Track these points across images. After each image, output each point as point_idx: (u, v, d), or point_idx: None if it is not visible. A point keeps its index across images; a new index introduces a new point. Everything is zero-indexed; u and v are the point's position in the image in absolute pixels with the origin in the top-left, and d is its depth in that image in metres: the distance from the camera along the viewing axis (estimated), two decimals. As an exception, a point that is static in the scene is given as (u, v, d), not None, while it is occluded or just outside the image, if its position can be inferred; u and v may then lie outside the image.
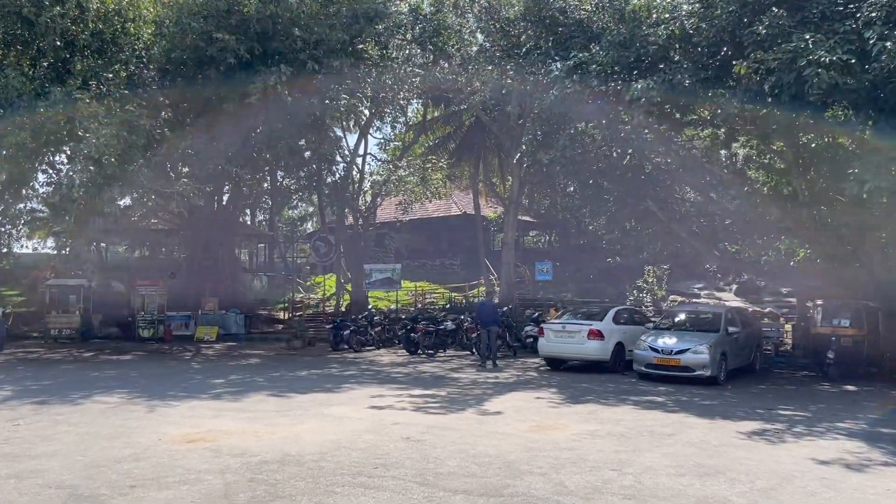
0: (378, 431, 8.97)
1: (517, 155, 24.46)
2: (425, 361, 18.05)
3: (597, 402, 11.66)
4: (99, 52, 20.39)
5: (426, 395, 12.27)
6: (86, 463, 7.31)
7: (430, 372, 15.82)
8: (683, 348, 13.82)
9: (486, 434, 8.88)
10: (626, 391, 12.94)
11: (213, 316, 25.51)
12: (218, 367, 16.69)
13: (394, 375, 15.21)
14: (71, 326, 23.51)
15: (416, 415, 10.31)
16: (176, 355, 19.80)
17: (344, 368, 16.51)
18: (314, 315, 30.12)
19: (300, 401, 11.50)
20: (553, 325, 16.00)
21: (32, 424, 9.36)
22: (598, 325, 15.48)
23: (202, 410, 10.53)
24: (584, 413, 10.56)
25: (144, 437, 8.54)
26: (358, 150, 29.93)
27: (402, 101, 26.95)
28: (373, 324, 22.00)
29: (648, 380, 14.26)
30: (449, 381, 14.16)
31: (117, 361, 17.92)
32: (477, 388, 13.15)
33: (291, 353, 20.61)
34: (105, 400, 11.34)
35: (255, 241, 39.59)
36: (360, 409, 10.71)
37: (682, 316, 16.19)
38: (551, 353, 15.93)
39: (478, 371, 15.94)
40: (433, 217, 38.89)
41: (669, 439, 8.74)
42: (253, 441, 8.38)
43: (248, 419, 9.83)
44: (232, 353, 20.51)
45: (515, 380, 14.56)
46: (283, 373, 15.51)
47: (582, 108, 17.51)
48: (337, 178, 26.56)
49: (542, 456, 7.73)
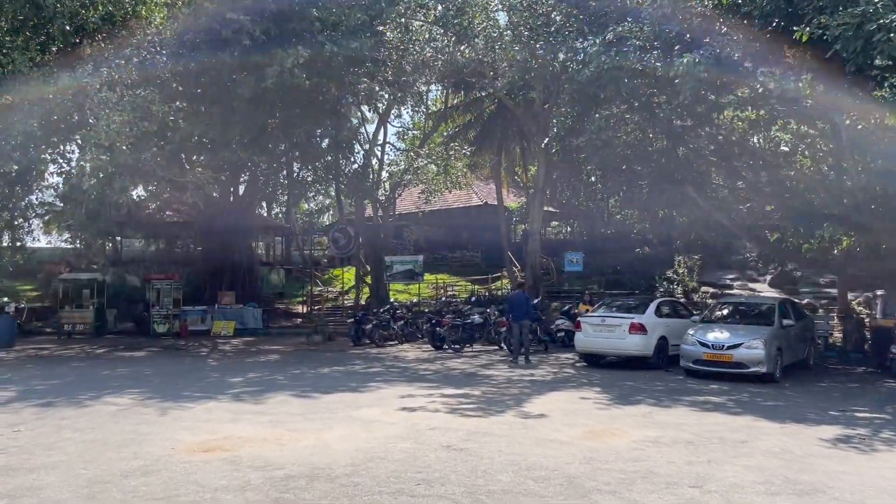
0: (414, 438, 8.04)
1: (545, 140, 23.33)
2: (452, 357, 17.12)
3: (648, 402, 10.66)
4: (109, 36, 19.58)
5: (459, 394, 11.33)
6: (88, 478, 6.44)
7: (460, 368, 14.88)
8: (736, 343, 12.77)
9: (536, 442, 7.91)
10: (677, 390, 11.92)
11: (230, 310, 24.76)
12: (235, 364, 15.86)
13: (421, 372, 14.29)
14: (84, 322, 22.81)
15: (453, 418, 9.37)
16: (192, 351, 19.01)
17: (368, 365, 15.61)
18: (333, 309, 29.33)
19: (325, 402, 10.60)
20: (591, 318, 14.98)
21: (34, 430, 8.52)
22: (641, 319, 14.46)
23: (219, 413, 9.66)
24: (639, 416, 9.56)
25: (156, 446, 7.67)
26: (377, 139, 29.06)
27: (423, 86, 25.90)
28: (395, 317, 21.10)
29: (697, 377, 13.23)
30: (481, 379, 13.22)
31: (130, 358, 17.14)
32: (513, 387, 12.19)
33: (311, 348, 19.76)
34: (115, 401, 10.51)
35: (271, 233, 38.82)
36: (391, 412, 9.79)
37: (732, 308, 15.09)
38: (590, 348, 14.92)
39: (510, 367, 14.98)
40: (453, 208, 37.92)
41: (744, 448, 7.72)
42: (276, 450, 7.49)
43: (270, 423, 8.94)
44: (250, 348, 19.70)
45: (553, 377, 13.58)
46: (304, 370, 14.65)
47: (618, 87, 16.48)
48: (356, 166, 25.62)
49: (605, 469, 6.76)
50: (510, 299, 16.44)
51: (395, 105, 24.00)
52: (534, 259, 25.69)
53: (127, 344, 20.70)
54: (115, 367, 15.05)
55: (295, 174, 29.57)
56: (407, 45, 22.07)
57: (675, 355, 14.76)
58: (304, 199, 37.26)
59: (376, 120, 29.61)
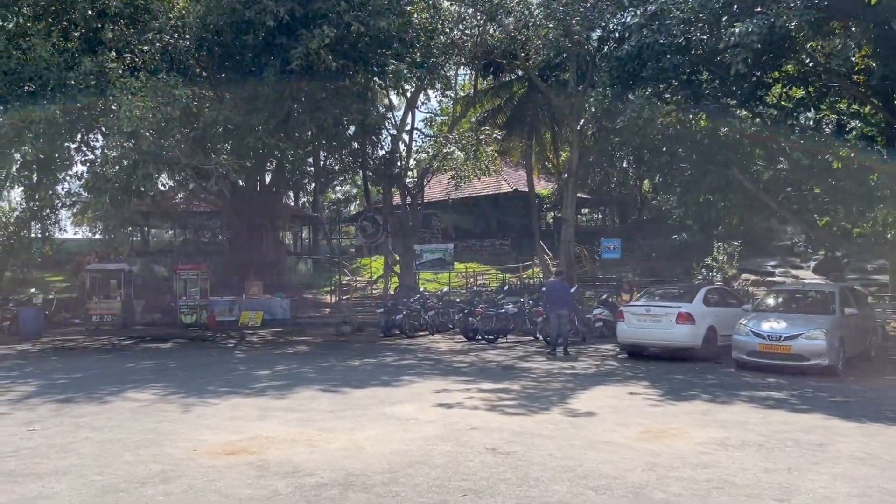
0: (455, 440, 7.37)
1: (579, 123, 22.42)
2: (486, 348, 16.43)
3: (703, 398, 9.85)
4: (131, 20, 19.14)
5: (498, 389, 10.64)
6: (102, 485, 5.87)
7: (495, 361, 14.18)
8: (794, 333, 11.87)
9: (589, 444, 7.19)
10: (732, 384, 11.09)
11: (258, 301, 24.36)
12: (263, 356, 15.35)
13: (456, 365, 13.62)
14: (112, 313, 22.55)
15: (494, 416, 8.68)
16: (219, 343, 18.58)
17: (399, 357, 14.99)
18: (362, 299, 28.82)
19: (357, 397, 9.99)
20: (635, 308, 14.15)
21: (50, 429, 8.02)
22: (688, 308, 13.59)
23: (245, 410, 9.09)
24: (697, 414, 8.78)
25: (177, 447, 7.11)
26: (405, 125, 28.38)
27: (452, 69, 25.11)
28: (426, 307, 20.45)
29: (750, 370, 12.37)
30: (519, 373, 12.51)
31: (157, 350, 16.75)
32: (555, 381, 11.46)
33: (340, 339, 19.22)
34: (137, 397, 10.00)
35: (298, 223, 38.45)
36: (427, 409, 9.14)
37: (786, 295, 14.13)
38: (633, 339, 14.10)
39: (549, 360, 14.24)
40: (481, 195, 37.12)
41: (823, 452, 6.92)
42: (306, 453, 6.87)
43: (299, 422, 8.33)
44: (278, 339, 19.22)
45: (595, 370, 12.82)
46: (333, 362, 14.07)
47: (661, 63, 15.57)
48: (384, 151, 24.96)
49: (673, 477, 6.02)
50: (548, 288, 15.67)
51: (423, 88, 23.15)
52: (567, 247, 24.85)
53: (154, 335, 20.37)
54: (140, 360, 14.62)
55: (322, 162, 29.08)
56: (436, 26, 21.31)
57: (724, 346, 13.93)
58: (331, 187, 36.77)
59: (403, 105, 28.95)
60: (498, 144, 25.53)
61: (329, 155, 27.46)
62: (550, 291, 15.31)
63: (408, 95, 26.89)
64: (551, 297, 15.12)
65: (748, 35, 12.60)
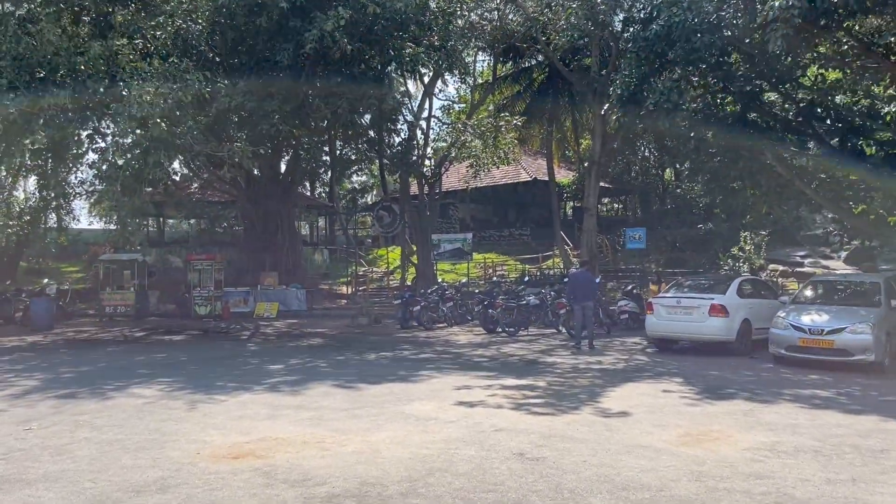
0: (479, 442, 6.79)
1: (605, 106, 21.65)
2: (507, 341, 15.83)
3: (743, 396, 9.18)
4: (143, 4, 18.65)
5: (522, 386, 10.05)
6: (95, 494, 5.36)
7: (517, 355, 13.58)
8: (838, 327, 11.13)
9: (625, 448, 6.58)
10: (772, 381, 10.40)
11: (273, 292, 23.96)
12: (276, 349, 14.88)
13: (476, 359, 13.04)
14: (125, 304, 22.22)
15: (519, 416, 8.09)
16: (232, 335, 18.16)
17: (417, 350, 14.44)
18: (378, 290, 28.32)
19: (372, 394, 9.44)
20: (665, 300, 13.45)
21: (47, 428, 7.55)
22: (722, 300, 12.88)
23: (254, 408, 8.58)
24: (739, 414, 8.12)
25: (179, 450, 6.60)
26: (422, 113, 27.73)
27: (472, 52, 24.42)
28: (444, 299, 19.88)
29: (790, 365, 11.66)
30: (544, 368, 11.90)
31: (169, 342, 16.34)
32: (581, 377, 10.84)
33: (357, 331, 18.72)
34: (142, 393, 9.52)
35: (314, 212, 38.00)
36: (447, 407, 8.57)
37: (826, 287, 13.34)
38: (663, 332, 13.41)
39: (573, 354, 13.61)
40: (500, 184, 36.41)
41: (889, 459, 6.25)
42: (317, 457, 6.33)
43: (311, 421, 7.80)
44: (293, 331, 18.77)
45: (624, 366, 12.17)
46: (348, 356, 13.55)
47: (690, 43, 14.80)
48: (402, 137, 24.34)
49: (723, 489, 5.39)
50: (572, 279, 15.02)
51: (441, 73, 22.46)
52: (590, 237, 24.15)
53: (167, 327, 20.01)
54: (150, 353, 14.20)
55: (338, 151, 28.51)
56: (454, 8, 20.62)
57: (758, 340, 13.23)
58: (346, 177, 36.19)
59: (420, 93, 28.31)
60: (518, 132, 24.75)
61: (345, 143, 26.82)
62: (574, 282, 14.66)
63: (425, 81, 26.24)
64: (575, 289, 14.47)
65: (789, 9, 11.82)
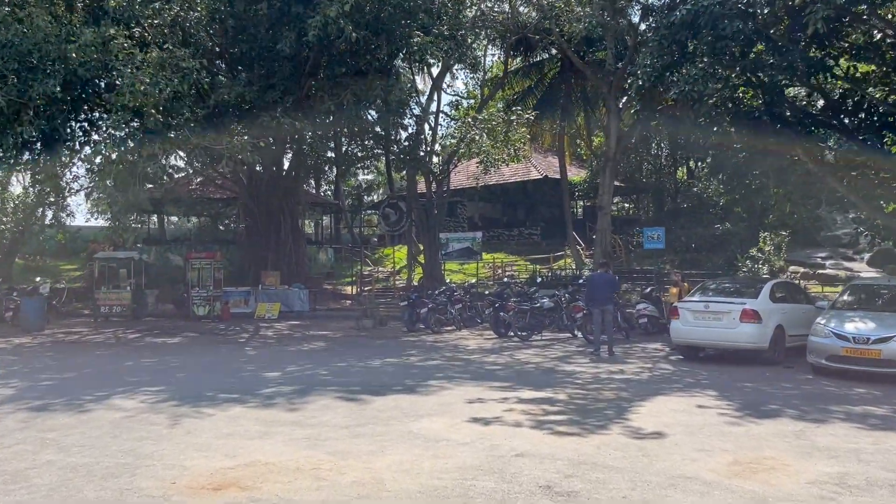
0: (498, 471, 5.88)
1: (622, 100, 20.71)
2: (520, 347, 14.93)
3: (790, 414, 8.25)
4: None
5: (541, 399, 9.14)
6: (42, 538, 4.49)
7: (533, 362, 12.67)
8: (886, 336, 10.17)
9: (669, 480, 5.66)
10: (817, 396, 9.45)
11: (275, 292, 23.12)
12: (276, 354, 14.01)
13: (488, 367, 12.13)
14: (121, 303, 21.44)
15: (542, 436, 7.18)
16: (231, 337, 17.32)
17: (425, 356, 13.55)
18: (384, 290, 27.46)
19: (377, 408, 8.54)
20: (693, 304, 12.49)
21: (9, 448, 6.69)
22: (754, 304, 11.93)
23: (245, 424, 7.69)
24: (790, 437, 7.19)
25: (152, 478, 5.71)
26: (429, 108, 26.85)
27: (482, 44, 23.52)
28: (453, 301, 18.99)
29: (830, 377, 10.72)
30: (562, 377, 10.98)
31: (163, 345, 15.50)
32: (605, 389, 9.93)
33: (361, 334, 17.85)
34: (123, 405, 8.65)
35: (319, 210, 37.16)
36: (460, 425, 7.67)
37: (868, 291, 12.36)
38: (690, 339, 12.47)
39: (592, 361, 12.70)
40: (509, 182, 35.46)
41: (981, 498, 5.32)
42: (311, 489, 5.44)
43: (307, 441, 6.91)
44: (294, 333, 17.92)
45: (649, 375, 11.24)
46: (351, 362, 12.66)
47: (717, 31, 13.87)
48: (409, 133, 23.47)
49: (798, 539, 4.47)
50: (590, 281, 14.11)
51: (450, 65, 21.55)
52: (603, 236, 23.25)
53: (163, 328, 19.19)
54: (141, 357, 13.34)
55: (343, 148, 27.66)
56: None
57: (792, 348, 12.31)
58: (352, 173, 35.30)
59: (429, 87, 27.42)
60: (529, 127, 23.79)
61: (350, 139, 25.94)
62: (593, 285, 13.75)
63: (433, 74, 25.36)
64: (594, 291, 13.55)
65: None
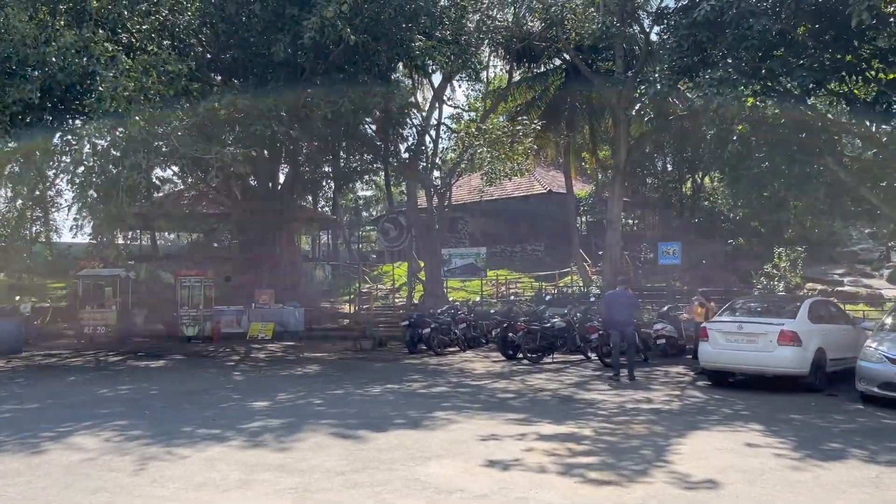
0: (529, 538, 4.76)
1: (635, 107, 19.74)
2: (531, 370, 13.79)
3: (857, 455, 7.11)
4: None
5: (564, 435, 8.00)
6: None
7: (548, 389, 11.52)
8: (948, 360, 9.10)
9: (744, 551, 4.54)
10: (878, 431, 8.33)
11: (269, 311, 21.94)
12: (265, 379, 12.84)
13: (500, 395, 10.99)
14: (106, 324, 20.23)
15: (572, 485, 6.05)
16: (220, 360, 16.16)
17: (429, 381, 12.40)
18: (383, 308, 26.33)
19: (378, 447, 7.40)
20: (724, 325, 11.37)
21: (-68, 505, 5.57)
22: (792, 325, 10.82)
23: (223, 468, 6.55)
24: (868, 486, 6.06)
25: (99, 548, 4.59)
26: (431, 118, 25.87)
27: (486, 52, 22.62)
28: (457, 320, 17.88)
29: (883, 406, 9.61)
30: (583, 407, 9.84)
31: (144, 370, 14.33)
32: (634, 422, 8.79)
33: (359, 356, 16.70)
34: (84, 444, 7.49)
35: (316, 226, 36.04)
36: (475, 470, 6.54)
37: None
38: (721, 363, 11.33)
39: (613, 387, 11.56)
40: (512, 197, 34.46)
41: None
42: (295, 566, 4.31)
43: (294, 494, 5.78)
44: (287, 356, 16.77)
45: (679, 405, 10.09)
46: (349, 389, 11.52)
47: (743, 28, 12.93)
48: (410, 143, 22.47)
49: None
50: (609, 299, 13.01)
51: (453, 71, 20.54)
52: (613, 252, 22.18)
53: (149, 350, 18.03)
54: (118, 384, 12.15)
55: (341, 161, 26.63)
56: (467, 2, 18.83)
57: (833, 372, 11.21)
58: (350, 187, 34.22)
59: (430, 97, 26.46)
60: (535, 137, 22.73)
61: (348, 151, 24.93)
62: (611, 304, 12.65)
63: (434, 83, 24.41)
64: (613, 311, 12.45)
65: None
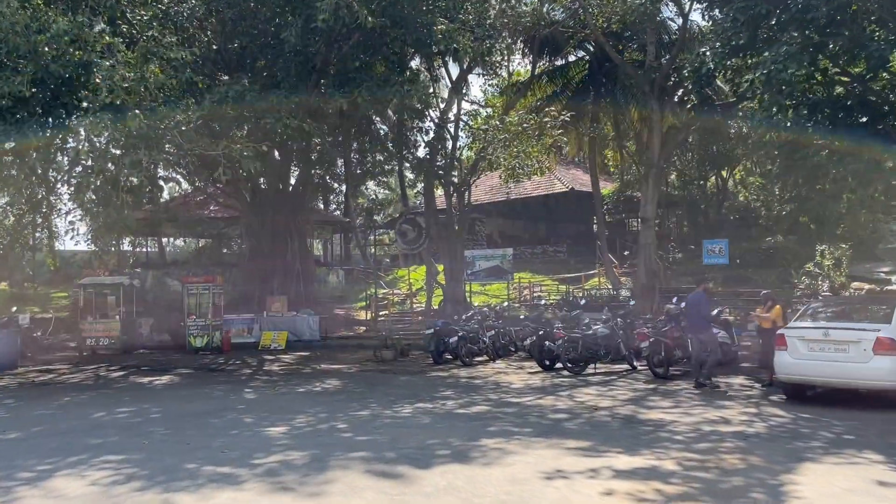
0: None
1: (676, 94, 18.33)
2: (576, 384, 12.38)
3: None
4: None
5: (644, 470, 6.61)
6: None
7: (603, 406, 10.10)
8: None
9: None
10: None
11: (282, 319, 20.68)
12: (281, 397, 11.50)
13: (550, 415, 9.58)
14: (109, 335, 19.01)
15: (683, 544, 4.66)
16: (230, 374, 14.86)
17: (465, 398, 11.01)
18: (400, 314, 25.01)
19: (423, 490, 6.02)
20: (806, 331, 9.91)
21: None
22: (890, 332, 9.37)
23: (234, 525, 5.21)
24: None
25: None
26: (448, 114, 24.54)
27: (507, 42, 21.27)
28: (485, 326, 16.51)
29: None
30: (653, 430, 8.43)
31: (147, 387, 13.02)
32: (721, 451, 7.37)
33: (381, 367, 15.35)
34: (64, 490, 6.15)
35: (329, 229, 34.78)
36: (551, 522, 5.16)
37: None
38: (802, 375, 9.86)
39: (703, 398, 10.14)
40: (531, 196, 33.05)
41: None
42: None
43: (326, 565, 4.42)
44: (303, 368, 15.44)
45: (765, 427, 8.63)
46: (375, 409, 10.14)
47: None
48: (429, 138, 21.13)
49: None
50: (688, 303, 11.72)
51: (477, 58, 19.15)
52: (647, 251, 20.78)
53: (155, 363, 16.75)
54: (116, 405, 10.82)
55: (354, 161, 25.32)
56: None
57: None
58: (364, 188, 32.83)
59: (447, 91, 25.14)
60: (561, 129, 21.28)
61: (362, 148, 23.60)
62: (692, 308, 11.30)
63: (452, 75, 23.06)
64: (692, 316, 11.12)
65: None
